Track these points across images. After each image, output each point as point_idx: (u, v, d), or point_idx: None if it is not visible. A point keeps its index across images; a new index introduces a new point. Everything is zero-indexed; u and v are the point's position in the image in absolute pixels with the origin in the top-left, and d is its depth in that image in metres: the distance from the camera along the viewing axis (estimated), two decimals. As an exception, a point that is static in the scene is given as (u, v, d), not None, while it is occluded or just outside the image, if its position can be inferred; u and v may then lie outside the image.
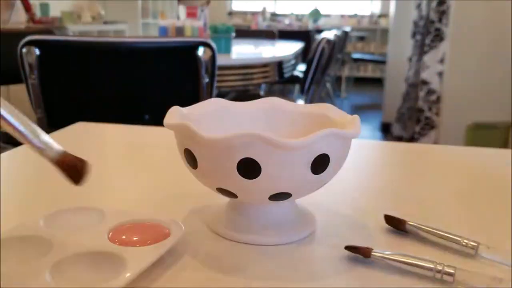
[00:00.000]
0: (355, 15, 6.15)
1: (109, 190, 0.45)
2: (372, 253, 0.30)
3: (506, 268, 0.30)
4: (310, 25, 5.66)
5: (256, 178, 0.29)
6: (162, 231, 0.32)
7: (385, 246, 0.33)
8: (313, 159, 0.30)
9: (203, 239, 0.34)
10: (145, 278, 0.28)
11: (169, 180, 0.47)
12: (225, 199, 0.36)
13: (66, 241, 0.29)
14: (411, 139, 2.73)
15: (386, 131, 3.48)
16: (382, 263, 0.30)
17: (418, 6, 2.82)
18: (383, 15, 5.80)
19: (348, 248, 0.31)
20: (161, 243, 0.30)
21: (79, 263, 0.28)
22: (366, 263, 0.30)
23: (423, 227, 0.34)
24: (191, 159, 0.31)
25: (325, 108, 0.38)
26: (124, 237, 0.31)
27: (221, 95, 1.68)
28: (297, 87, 3.03)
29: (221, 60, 1.45)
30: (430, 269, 0.28)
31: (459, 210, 0.40)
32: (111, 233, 0.31)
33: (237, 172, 0.29)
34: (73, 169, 0.28)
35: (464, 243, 0.32)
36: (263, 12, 6.09)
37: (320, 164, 0.30)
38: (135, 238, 0.31)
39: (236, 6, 6.39)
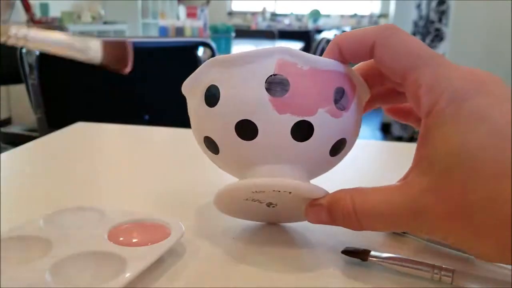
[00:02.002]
0: (355, 15, 6.15)
1: (109, 190, 0.45)
2: (370, 254, 0.30)
3: (505, 270, 0.30)
4: (310, 25, 5.66)
5: (284, 96, 0.28)
6: (162, 231, 0.32)
7: (383, 248, 0.33)
8: (334, 88, 0.29)
9: (203, 239, 0.34)
10: (145, 278, 0.28)
11: (169, 180, 0.47)
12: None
13: (66, 241, 0.29)
14: (411, 139, 2.73)
15: (386, 131, 3.48)
16: (380, 265, 0.30)
17: (418, 6, 2.83)
18: (383, 15, 5.80)
19: (345, 252, 0.31)
20: (161, 243, 0.30)
21: (79, 263, 0.28)
22: (364, 265, 0.30)
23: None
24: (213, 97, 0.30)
25: None
26: (124, 237, 0.31)
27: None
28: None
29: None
30: (428, 271, 0.28)
31: (459, 210, 0.40)
32: (111, 233, 0.31)
33: (265, 92, 0.28)
34: (118, 59, 0.28)
35: (463, 243, 0.32)
36: (263, 12, 6.10)
37: (339, 97, 0.29)
38: (135, 239, 0.31)
39: (236, 6, 6.39)
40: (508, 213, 0.21)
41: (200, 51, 1.23)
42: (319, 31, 4.06)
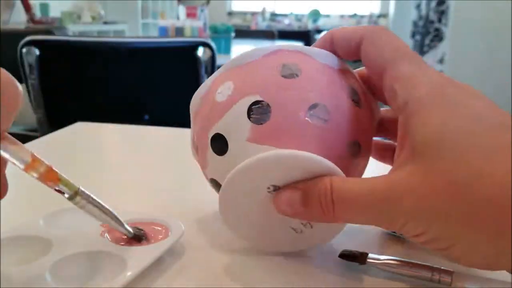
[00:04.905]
0: (355, 15, 6.15)
1: (109, 190, 0.45)
2: (368, 257, 0.30)
3: (504, 271, 0.30)
4: (310, 25, 5.66)
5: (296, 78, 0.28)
6: (162, 231, 0.32)
7: (380, 250, 0.33)
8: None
9: (203, 239, 0.34)
10: (145, 278, 0.28)
11: (169, 180, 0.47)
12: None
13: (66, 241, 0.30)
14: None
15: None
16: (378, 267, 0.30)
17: (418, 6, 2.83)
18: (383, 15, 5.79)
19: (342, 256, 0.30)
20: (161, 243, 0.30)
21: (79, 263, 0.28)
22: (362, 268, 0.30)
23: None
24: None
25: None
26: (124, 236, 0.31)
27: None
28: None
29: (221, 60, 1.45)
30: (426, 272, 0.28)
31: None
32: (111, 233, 0.31)
33: (279, 74, 0.28)
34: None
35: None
36: (263, 12, 6.10)
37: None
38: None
39: (236, 6, 6.39)
40: (494, 191, 0.20)
41: (200, 51, 1.23)
42: (319, 31, 4.06)
